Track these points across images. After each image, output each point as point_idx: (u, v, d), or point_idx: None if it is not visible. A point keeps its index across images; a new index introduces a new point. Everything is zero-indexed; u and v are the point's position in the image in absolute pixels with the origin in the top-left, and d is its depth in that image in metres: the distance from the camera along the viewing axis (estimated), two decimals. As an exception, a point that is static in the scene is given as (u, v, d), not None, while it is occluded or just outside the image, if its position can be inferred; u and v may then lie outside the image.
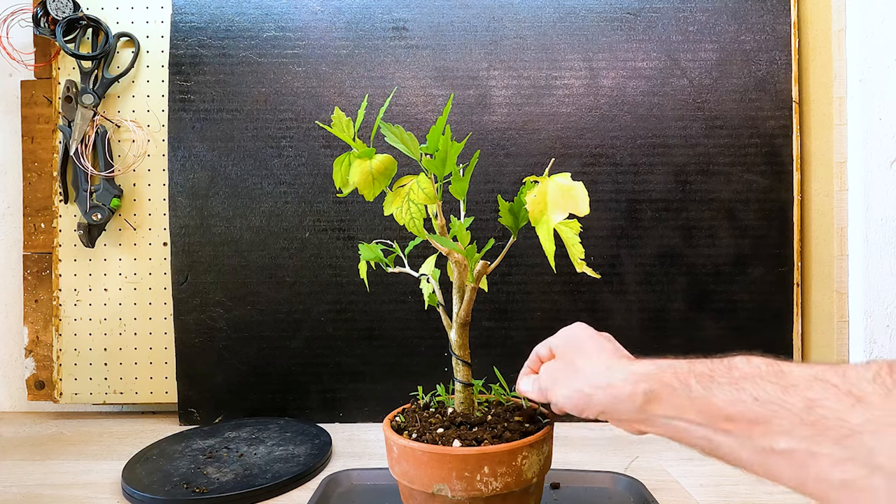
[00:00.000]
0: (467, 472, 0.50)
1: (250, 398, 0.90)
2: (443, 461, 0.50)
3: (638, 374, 0.43)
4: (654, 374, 0.42)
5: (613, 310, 0.89)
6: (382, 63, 0.90)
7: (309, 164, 0.90)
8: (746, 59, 0.89)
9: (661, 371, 0.42)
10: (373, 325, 0.90)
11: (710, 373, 0.39)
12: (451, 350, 0.59)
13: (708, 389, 0.38)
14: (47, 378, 0.94)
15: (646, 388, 0.41)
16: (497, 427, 0.54)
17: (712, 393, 0.37)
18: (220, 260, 0.90)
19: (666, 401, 0.40)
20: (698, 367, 0.40)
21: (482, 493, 0.50)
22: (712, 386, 0.38)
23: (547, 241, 0.50)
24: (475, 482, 0.50)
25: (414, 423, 0.57)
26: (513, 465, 0.50)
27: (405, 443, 0.52)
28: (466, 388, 0.58)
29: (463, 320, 0.58)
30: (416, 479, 0.52)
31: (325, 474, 0.69)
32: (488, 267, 0.58)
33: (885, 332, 0.77)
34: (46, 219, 0.94)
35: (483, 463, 0.50)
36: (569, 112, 0.89)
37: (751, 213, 0.89)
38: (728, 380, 0.37)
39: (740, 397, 0.35)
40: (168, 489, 0.65)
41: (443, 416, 0.58)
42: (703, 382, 0.39)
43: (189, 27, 0.91)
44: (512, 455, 0.51)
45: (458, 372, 0.59)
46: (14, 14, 0.93)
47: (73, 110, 0.91)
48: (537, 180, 0.52)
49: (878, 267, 0.77)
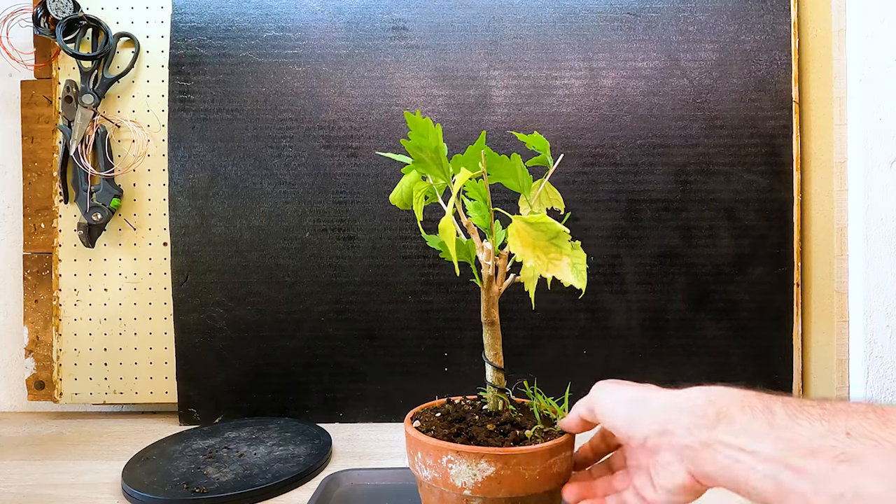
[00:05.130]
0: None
1: (250, 398, 0.90)
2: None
3: (714, 390, 0.37)
4: (733, 393, 0.36)
5: (613, 310, 0.89)
6: (382, 63, 0.90)
7: (309, 164, 0.90)
8: (746, 59, 0.89)
9: (744, 393, 0.36)
10: (373, 325, 0.90)
11: (800, 403, 0.34)
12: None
13: (794, 418, 0.32)
14: (47, 378, 0.94)
15: (722, 404, 0.35)
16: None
17: (798, 423, 0.32)
18: (220, 260, 0.90)
19: (740, 424, 0.34)
20: (787, 397, 0.35)
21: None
22: (799, 415, 0.32)
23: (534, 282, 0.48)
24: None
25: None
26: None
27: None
28: (501, 392, 0.55)
29: (486, 318, 0.55)
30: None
31: (325, 474, 0.69)
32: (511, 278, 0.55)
33: (885, 332, 0.77)
34: (46, 219, 0.94)
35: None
36: (569, 112, 0.89)
37: (751, 213, 0.89)
38: (819, 412, 0.32)
39: (831, 430, 0.30)
40: (168, 489, 0.65)
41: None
42: (789, 410, 0.33)
43: (189, 27, 0.91)
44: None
45: (489, 375, 0.56)
46: (14, 14, 0.93)
47: (73, 110, 0.91)
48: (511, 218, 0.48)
49: (878, 267, 0.77)
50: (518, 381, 0.61)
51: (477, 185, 0.53)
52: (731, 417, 0.34)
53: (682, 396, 0.38)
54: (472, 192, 0.54)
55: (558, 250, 0.46)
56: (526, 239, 0.46)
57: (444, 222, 0.47)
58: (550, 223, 0.46)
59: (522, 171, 0.52)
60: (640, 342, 0.89)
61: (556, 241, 0.46)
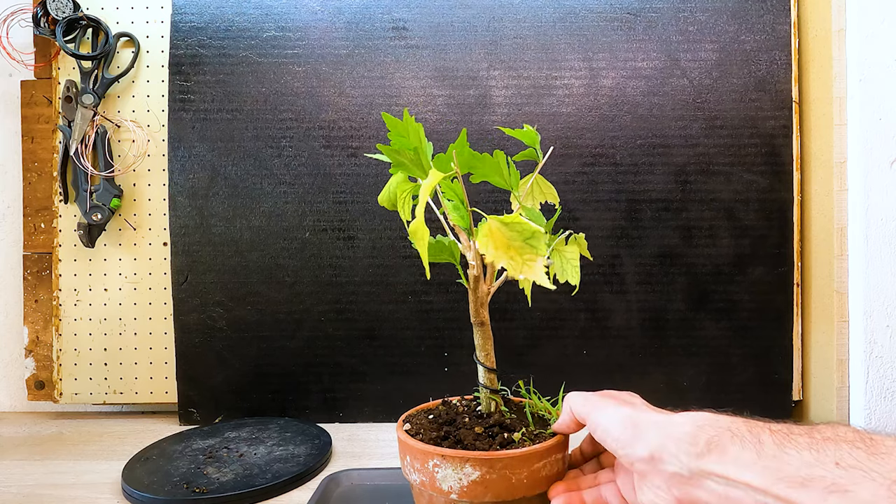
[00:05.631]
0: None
1: (250, 398, 0.90)
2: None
3: (703, 417, 0.37)
4: (721, 421, 0.36)
5: (613, 310, 0.89)
6: (382, 63, 0.90)
7: (309, 164, 0.90)
8: (746, 59, 0.89)
9: (732, 421, 0.36)
10: (373, 325, 0.90)
11: (787, 430, 0.34)
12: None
13: (781, 447, 0.33)
14: (47, 378, 0.94)
15: (711, 433, 0.35)
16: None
17: (786, 452, 0.32)
18: (220, 260, 0.90)
19: (729, 454, 0.34)
20: (774, 424, 0.35)
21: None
22: (787, 444, 0.33)
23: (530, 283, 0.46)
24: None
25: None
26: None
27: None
28: (494, 394, 0.55)
29: (475, 319, 0.54)
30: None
31: (325, 474, 0.69)
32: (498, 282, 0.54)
33: (885, 332, 0.77)
34: (46, 219, 0.94)
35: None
36: (569, 112, 0.89)
37: (751, 213, 0.89)
38: (808, 441, 0.32)
39: (819, 459, 0.30)
40: (168, 489, 0.65)
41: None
42: (777, 439, 0.33)
43: (189, 27, 0.91)
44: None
45: (481, 376, 0.55)
46: (14, 14, 0.93)
47: (73, 110, 0.91)
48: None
49: (878, 267, 0.77)
50: (518, 380, 0.61)
51: (452, 185, 0.52)
52: (721, 447, 0.34)
53: (672, 423, 0.38)
54: (448, 192, 0.52)
55: (533, 251, 0.44)
56: (500, 240, 0.45)
57: (414, 226, 0.46)
58: (525, 223, 0.45)
59: (509, 167, 0.51)
60: (640, 342, 0.89)
61: (531, 241, 0.45)
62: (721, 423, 0.36)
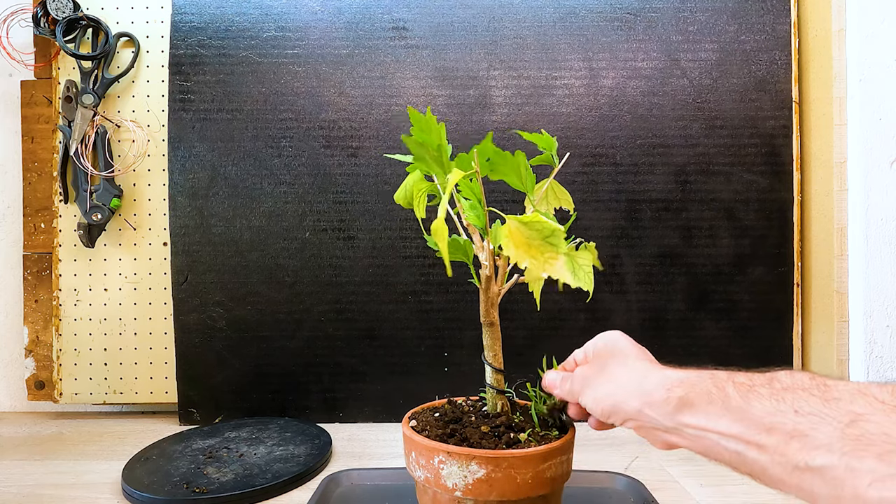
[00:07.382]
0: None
1: (250, 398, 0.90)
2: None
3: (673, 379, 0.41)
4: (690, 380, 0.40)
5: (613, 310, 0.89)
6: (382, 63, 0.90)
7: (309, 164, 0.90)
8: (746, 59, 0.89)
9: (699, 378, 0.40)
10: (373, 325, 0.90)
11: (750, 383, 0.37)
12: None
13: (746, 399, 0.36)
14: (47, 378, 0.94)
15: (680, 393, 0.40)
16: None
17: (750, 403, 0.36)
18: (220, 260, 0.90)
19: (700, 408, 0.38)
20: (738, 377, 0.38)
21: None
22: (751, 396, 0.36)
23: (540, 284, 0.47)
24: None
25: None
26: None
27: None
28: (500, 395, 0.55)
29: (485, 319, 0.54)
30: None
31: (325, 474, 0.69)
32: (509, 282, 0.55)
33: (885, 332, 0.77)
34: (46, 219, 0.94)
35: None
36: (569, 112, 0.89)
37: (751, 213, 0.89)
38: (769, 391, 0.35)
39: (780, 408, 0.34)
40: (168, 489, 0.65)
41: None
42: (741, 391, 0.37)
43: (189, 27, 0.91)
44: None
45: (488, 376, 0.55)
46: (14, 14, 0.93)
47: (73, 110, 0.91)
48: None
49: (878, 267, 0.77)
50: (518, 381, 0.61)
51: (471, 184, 0.52)
52: (691, 403, 0.39)
53: (645, 393, 0.42)
54: (465, 191, 0.53)
55: (554, 249, 0.45)
56: (520, 239, 0.45)
57: (436, 224, 0.46)
58: (544, 222, 0.45)
59: (526, 169, 0.52)
60: (640, 342, 0.88)
61: (550, 239, 0.45)
62: (690, 382, 0.40)
